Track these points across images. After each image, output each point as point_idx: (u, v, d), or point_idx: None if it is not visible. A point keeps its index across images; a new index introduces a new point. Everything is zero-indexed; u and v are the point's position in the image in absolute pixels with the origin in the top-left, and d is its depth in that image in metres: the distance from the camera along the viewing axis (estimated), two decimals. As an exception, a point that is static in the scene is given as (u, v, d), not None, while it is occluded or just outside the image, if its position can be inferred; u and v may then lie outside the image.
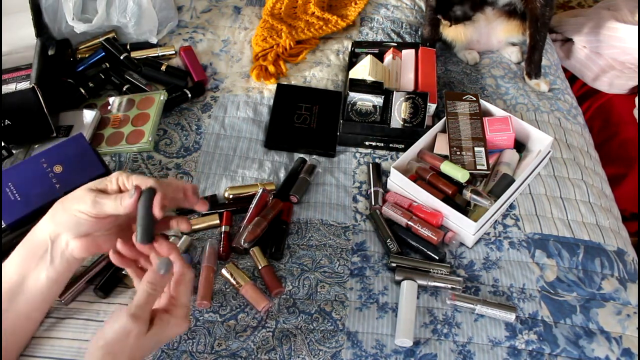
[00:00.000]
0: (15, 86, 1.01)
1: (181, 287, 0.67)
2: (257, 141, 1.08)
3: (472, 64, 1.29)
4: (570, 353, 0.80)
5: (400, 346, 0.79)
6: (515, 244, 0.93)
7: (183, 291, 0.67)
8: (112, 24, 1.19)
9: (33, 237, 0.70)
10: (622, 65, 1.47)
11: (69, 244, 0.69)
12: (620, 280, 0.89)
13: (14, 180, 0.86)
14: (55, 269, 0.69)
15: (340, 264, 0.89)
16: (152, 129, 1.05)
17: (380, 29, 1.33)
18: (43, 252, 0.69)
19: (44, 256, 0.69)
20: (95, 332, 0.78)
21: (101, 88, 1.16)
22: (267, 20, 1.31)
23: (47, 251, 0.69)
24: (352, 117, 1.05)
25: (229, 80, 1.20)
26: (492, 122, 1.02)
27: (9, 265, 0.70)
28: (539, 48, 1.21)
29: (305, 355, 0.78)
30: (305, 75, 1.22)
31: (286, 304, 0.83)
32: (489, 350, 0.79)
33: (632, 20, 1.43)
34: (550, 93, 1.23)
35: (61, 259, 0.69)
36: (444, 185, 0.95)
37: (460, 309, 0.84)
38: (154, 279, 0.63)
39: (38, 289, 0.70)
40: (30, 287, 0.70)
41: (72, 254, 0.69)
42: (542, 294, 0.86)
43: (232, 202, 0.96)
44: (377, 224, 0.93)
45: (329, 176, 1.03)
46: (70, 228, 0.68)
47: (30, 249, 0.69)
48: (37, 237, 0.69)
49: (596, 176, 1.08)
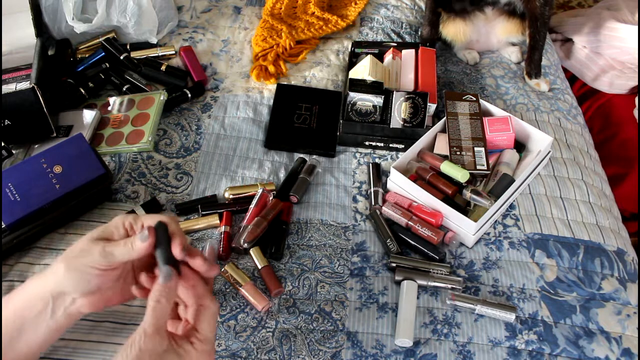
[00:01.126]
0: (15, 86, 1.01)
1: (203, 319, 0.61)
2: (257, 141, 1.08)
3: (472, 63, 1.29)
4: (570, 353, 0.80)
5: (400, 346, 0.79)
6: (515, 244, 0.93)
7: (206, 324, 0.61)
8: (112, 24, 1.19)
9: (30, 291, 0.64)
10: (622, 65, 1.47)
11: (76, 302, 0.64)
12: (620, 280, 0.89)
13: (14, 180, 0.86)
14: (56, 322, 0.65)
15: (340, 264, 0.89)
16: (152, 129, 1.05)
17: (380, 29, 1.33)
18: (42, 308, 0.64)
19: (43, 311, 0.64)
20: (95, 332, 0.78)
21: (101, 88, 1.16)
22: (267, 20, 1.31)
23: (48, 307, 0.64)
24: (352, 117, 1.05)
25: (229, 80, 1.20)
26: (492, 122, 1.02)
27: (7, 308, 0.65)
28: (538, 48, 1.21)
29: (305, 355, 0.78)
30: (305, 75, 1.22)
31: (286, 304, 0.83)
32: (489, 350, 0.79)
33: (632, 20, 1.43)
34: (550, 93, 1.23)
35: (64, 313, 0.65)
36: (444, 185, 0.95)
37: (460, 309, 0.84)
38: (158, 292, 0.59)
39: (37, 337, 0.66)
40: (29, 335, 0.65)
41: (80, 311, 0.65)
42: (542, 294, 0.86)
43: (232, 202, 0.96)
44: (377, 224, 0.93)
45: (329, 176, 1.03)
46: (77, 287, 0.63)
47: (27, 302, 0.64)
48: (35, 293, 0.64)
49: (596, 176, 1.08)
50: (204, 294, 0.62)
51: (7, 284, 0.82)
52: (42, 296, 0.64)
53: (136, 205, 0.94)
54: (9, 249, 0.85)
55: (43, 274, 0.64)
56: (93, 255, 0.61)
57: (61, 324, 0.66)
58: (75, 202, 0.88)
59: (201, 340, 0.60)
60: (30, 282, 0.65)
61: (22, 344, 0.65)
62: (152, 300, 0.58)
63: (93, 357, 0.76)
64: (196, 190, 0.99)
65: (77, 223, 0.91)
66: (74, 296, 0.64)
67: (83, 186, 0.89)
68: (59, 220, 0.89)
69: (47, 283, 0.63)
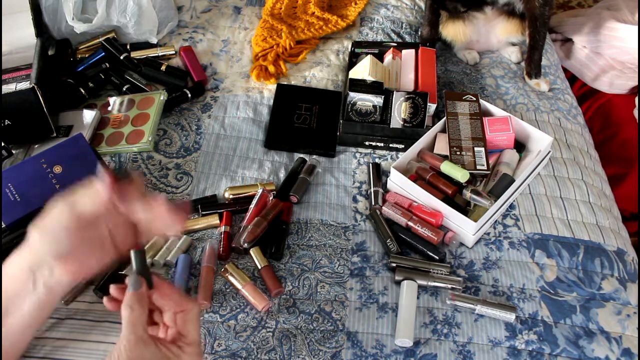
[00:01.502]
0: (15, 86, 1.01)
1: (187, 323, 0.62)
2: (257, 141, 1.08)
3: (472, 63, 1.29)
4: (570, 353, 0.80)
5: (400, 346, 0.79)
6: (515, 244, 0.93)
7: (191, 328, 0.62)
8: (112, 24, 1.19)
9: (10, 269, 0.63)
10: (622, 65, 1.47)
11: (54, 272, 0.62)
12: (620, 280, 0.89)
13: (14, 180, 0.86)
14: (38, 297, 0.64)
15: (340, 264, 0.89)
16: (152, 129, 1.05)
17: (380, 29, 1.33)
18: (23, 283, 0.63)
19: (24, 287, 0.63)
20: (94, 332, 0.78)
21: (101, 88, 1.16)
22: (267, 20, 1.31)
23: (29, 281, 0.63)
24: (352, 117, 1.05)
25: (229, 80, 1.20)
26: (492, 122, 1.02)
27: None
28: (538, 48, 1.21)
29: (305, 355, 0.78)
30: (305, 75, 1.22)
31: (286, 304, 0.83)
32: (489, 350, 0.79)
33: (632, 20, 1.42)
34: (550, 93, 1.23)
35: (45, 287, 0.63)
36: (444, 185, 0.95)
37: (460, 309, 0.84)
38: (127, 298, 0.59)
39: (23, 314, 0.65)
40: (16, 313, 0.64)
41: (60, 282, 0.63)
42: (542, 294, 0.86)
43: (232, 202, 0.96)
44: (377, 224, 0.93)
45: (329, 176, 1.03)
46: (50, 250, 0.61)
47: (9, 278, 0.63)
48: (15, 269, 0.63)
49: (596, 176, 1.08)
50: (180, 299, 0.62)
51: (7, 284, 0.82)
52: (21, 271, 0.63)
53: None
54: (9, 249, 0.84)
55: (20, 249, 0.63)
56: (60, 213, 0.60)
57: (44, 300, 0.64)
58: (75, 202, 0.88)
59: (189, 343, 0.61)
60: (10, 260, 0.64)
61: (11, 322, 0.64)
62: (125, 308, 0.59)
63: (93, 357, 0.76)
64: (196, 190, 0.99)
65: (77, 223, 0.91)
66: (50, 264, 0.62)
67: (83, 186, 0.89)
68: (59, 220, 0.89)
69: (24, 256, 0.63)
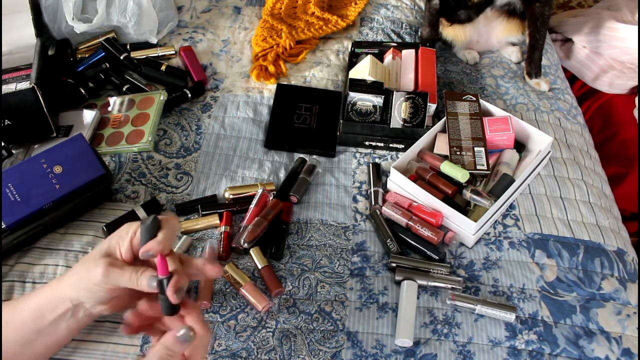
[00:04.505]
0: (15, 86, 1.01)
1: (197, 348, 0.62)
2: (257, 141, 1.08)
3: (472, 63, 1.29)
4: (570, 353, 0.80)
5: (400, 346, 0.79)
6: (515, 244, 0.93)
7: (199, 353, 0.62)
8: (112, 24, 1.19)
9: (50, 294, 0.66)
10: (622, 65, 1.47)
11: (96, 308, 0.66)
12: (620, 280, 0.89)
13: (14, 180, 0.86)
14: (78, 322, 0.67)
15: (340, 264, 0.89)
16: (152, 129, 1.05)
17: (380, 29, 1.33)
18: (64, 310, 0.66)
19: (65, 313, 0.66)
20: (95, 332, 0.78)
21: (101, 88, 1.16)
22: (267, 20, 1.31)
23: (69, 309, 0.66)
24: (352, 117, 1.05)
25: (228, 80, 1.20)
26: (492, 122, 1.02)
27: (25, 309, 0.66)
28: (538, 47, 1.21)
29: (305, 355, 0.78)
30: (305, 75, 1.22)
31: (286, 304, 0.83)
32: (489, 350, 0.79)
33: (632, 20, 1.42)
34: (550, 93, 1.23)
35: (84, 314, 0.67)
36: (444, 185, 0.95)
37: (460, 309, 0.84)
38: (173, 346, 0.58)
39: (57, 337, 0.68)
40: (49, 336, 0.67)
41: (101, 313, 0.67)
42: (542, 294, 0.86)
43: (232, 202, 0.96)
44: (377, 224, 0.93)
45: (329, 176, 1.03)
46: (90, 300, 0.65)
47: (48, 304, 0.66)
48: (57, 297, 0.66)
49: (596, 176, 1.08)
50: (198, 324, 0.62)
51: (8, 284, 0.82)
52: (63, 300, 0.66)
53: (136, 205, 0.94)
54: (9, 249, 0.84)
55: (61, 280, 0.66)
56: (98, 277, 0.62)
57: (83, 323, 0.68)
58: (75, 203, 0.88)
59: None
60: (50, 286, 0.67)
61: (39, 345, 0.67)
62: (164, 350, 0.58)
63: (93, 357, 0.76)
64: (196, 190, 0.99)
65: (77, 223, 0.91)
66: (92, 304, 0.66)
67: (83, 186, 0.89)
68: (59, 220, 0.89)
69: (65, 289, 0.66)
